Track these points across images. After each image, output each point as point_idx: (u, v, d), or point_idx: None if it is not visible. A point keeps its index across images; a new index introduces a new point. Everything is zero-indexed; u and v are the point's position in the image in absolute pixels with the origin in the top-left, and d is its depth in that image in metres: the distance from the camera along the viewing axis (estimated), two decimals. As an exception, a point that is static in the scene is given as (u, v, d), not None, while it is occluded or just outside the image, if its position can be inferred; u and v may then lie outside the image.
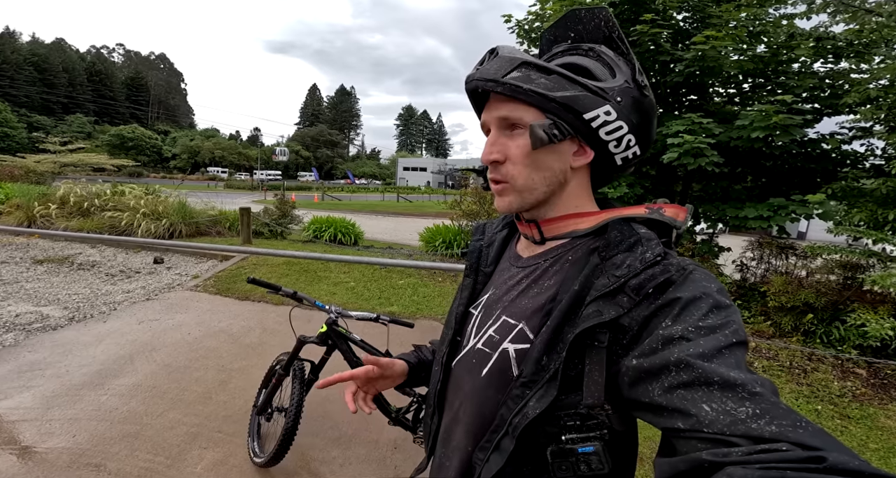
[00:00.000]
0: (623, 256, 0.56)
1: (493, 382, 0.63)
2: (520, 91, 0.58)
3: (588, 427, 0.53)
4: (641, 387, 0.49)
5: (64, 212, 8.35)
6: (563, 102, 0.58)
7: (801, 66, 4.71)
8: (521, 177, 0.62)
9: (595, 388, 0.53)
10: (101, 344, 3.50)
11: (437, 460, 0.73)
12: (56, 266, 6.01)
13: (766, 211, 4.35)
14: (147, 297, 4.78)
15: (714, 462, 0.39)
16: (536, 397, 0.55)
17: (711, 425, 0.41)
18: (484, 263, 0.77)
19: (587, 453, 0.53)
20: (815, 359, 3.62)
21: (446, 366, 0.73)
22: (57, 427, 2.38)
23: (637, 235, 0.59)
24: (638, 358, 0.50)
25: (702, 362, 0.45)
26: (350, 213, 15.77)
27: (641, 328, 0.52)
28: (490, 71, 0.60)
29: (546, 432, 0.55)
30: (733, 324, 0.49)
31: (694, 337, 0.47)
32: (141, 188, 9.24)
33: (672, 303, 0.51)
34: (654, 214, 0.61)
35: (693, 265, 0.55)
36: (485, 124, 0.66)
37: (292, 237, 8.43)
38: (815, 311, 3.89)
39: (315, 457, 2.22)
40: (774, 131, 3.96)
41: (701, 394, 0.43)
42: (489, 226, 0.84)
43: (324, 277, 5.62)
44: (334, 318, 1.88)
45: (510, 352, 0.62)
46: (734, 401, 0.42)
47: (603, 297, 0.54)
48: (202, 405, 2.65)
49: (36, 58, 66.25)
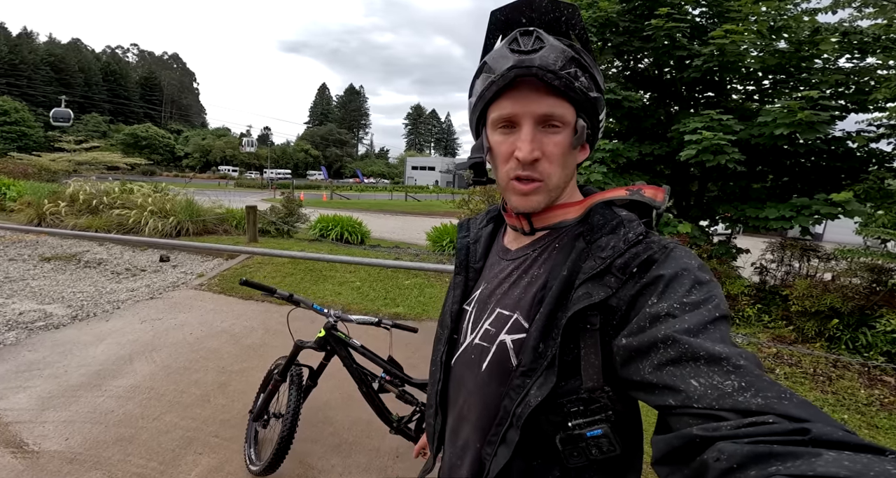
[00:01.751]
0: (607, 239, 0.57)
1: (494, 375, 0.62)
2: (572, 88, 0.57)
3: (592, 411, 0.54)
4: (633, 366, 0.49)
5: (73, 209, 8.39)
6: (593, 103, 0.60)
7: (826, 62, 4.51)
8: (555, 176, 0.61)
9: (593, 371, 0.53)
10: (101, 344, 3.44)
11: (447, 460, 0.71)
12: (63, 264, 6.01)
13: (789, 211, 4.17)
14: (151, 295, 4.74)
15: (705, 437, 0.39)
16: (537, 385, 0.55)
17: (700, 400, 0.42)
18: (473, 260, 0.77)
19: (596, 437, 0.53)
20: (841, 366, 3.44)
21: (445, 365, 0.73)
22: (50, 429, 2.31)
23: (619, 217, 0.60)
24: (627, 337, 0.50)
25: (688, 337, 0.45)
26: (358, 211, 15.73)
27: (629, 308, 0.53)
28: (549, 60, 0.56)
29: (551, 421, 0.55)
30: (715, 298, 0.49)
31: (679, 313, 0.48)
32: (149, 186, 9.26)
33: (656, 280, 0.52)
34: (634, 195, 0.63)
35: (674, 243, 0.56)
36: (513, 117, 0.60)
37: (299, 236, 8.38)
38: (840, 316, 3.70)
39: (314, 465, 2.12)
40: (799, 128, 3.79)
41: (689, 369, 0.44)
42: (473, 222, 0.83)
43: (329, 276, 5.53)
44: (333, 322, 1.78)
45: (507, 343, 0.62)
46: (720, 375, 0.42)
47: (591, 279, 0.55)
48: (200, 408, 2.57)
49: (53, 58, 67.49)
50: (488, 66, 0.60)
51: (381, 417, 1.82)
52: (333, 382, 2.44)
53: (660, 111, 5.16)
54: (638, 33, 4.60)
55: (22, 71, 62.26)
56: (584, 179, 4.50)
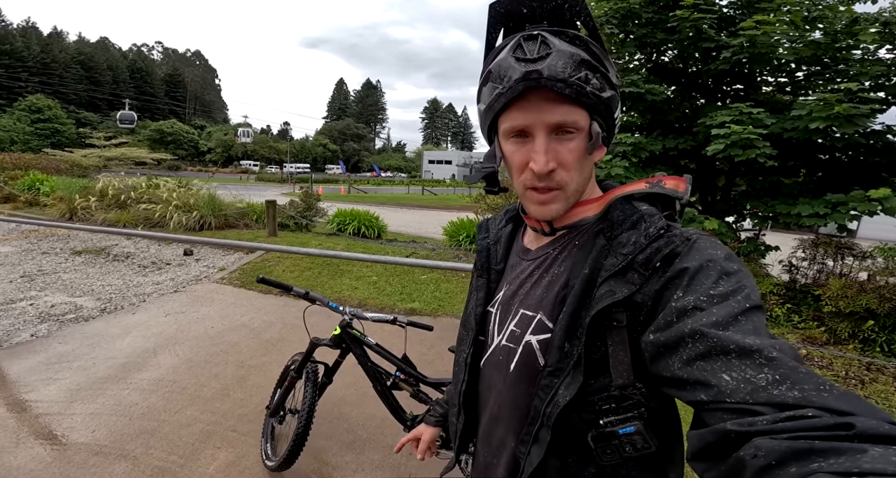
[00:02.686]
0: (628, 235, 0.56)
1: (523, 375, 0.63)
2: (583, 93, 0.55)
3: (625, 408, 0.53)
4: (662, 362, 0.48)
5: (103, 204, 8.69)
6: (607, 103, 0.58)
7: (865, 53, 4.25)
8: (573, 182, 0.60)
9: (622, 367, 0.53)
10: (127, 336, 3.55)
11: (481, 459, 0.72)
12: (93, 257, 6.22)
13: (823, 207, 3.97)
14: (175, 289, 4.86)
15: (740, 432, 0.38)
16: (565, 385, 0.55)
17: (733, 394, 0.41)
18: (494, 261, 0.76)
19: (629, 434, 0.52)
20: (875, 369, 3.28)
21: (471, 366, 0.74)
22: (78, 422, 2.39)
23: (638, 212, 0.59)
24: (654, 333, 0.49)
25: (716, 330, 0.44)
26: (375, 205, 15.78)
27: (655, 303, 0.52)
28: (557, 68, 0.54)
29: (583, 419, 0.55)
30: (745, 288, 0.47)
31: (707, 306, 0.47)
32: (174, 181, 9.49)
33: (680, 274, 0.50)
34: (654, 187, 0.60)
35: (697, 234, 0.54)
36: (527, 127, 0.58)
37: (317, 230, 8.47)
38: (876, 317, 3.53)
39: (328, 461, 2.14)
40: (836, 122, 3.59)
41: (720, 364, 0.43)
42: (493, 222, 0.82)
43: (346, 271, 5.57)
44: (348, 319, 1.77)
45: (533, 343, 0.62)
46: (752, 368, 0.41)
47: (613, 276, 0.54)
48: (219, 402, 2.62)
49: (82, 56, 69.81)
50: (494, 75, 0.58)
51: (394, 415, 1.81)
52: (349, 378, 2.44)
53: (685, 104, 4.97)
54: (661, 25, 4.43)
55: (53, 69, 64.60)
56: (605, 172, 4.39)
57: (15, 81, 58.09)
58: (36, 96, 49.92)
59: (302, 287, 1.83)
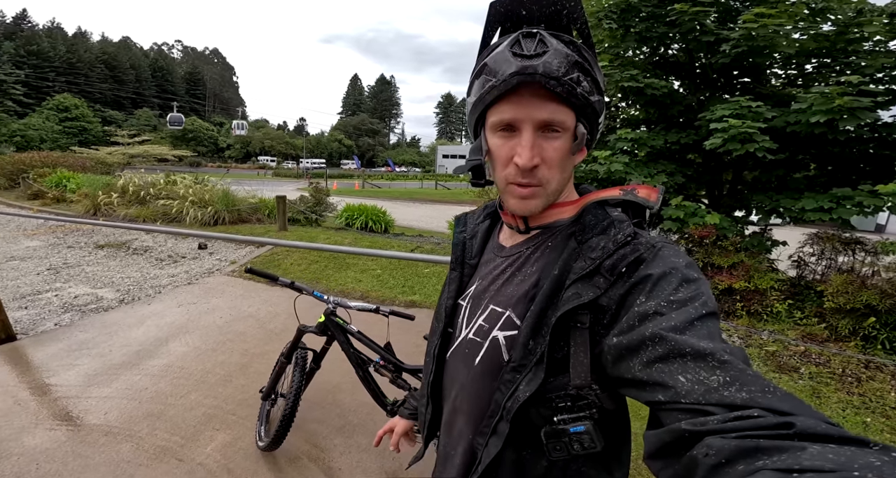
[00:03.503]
0: (598, 239, 0.58)
1: (487, 369, 0.65)
2: (573, 94, 0.57)
3: (578, 407, 0.55)
4: (623, 364, 0.50)
5: (124, 200, 9.04)
6: (594, 107, 0.60)
7: (875, 45, 4.13)
8: (554, 180, 0.62)
9: (581, 368, 0.54)
10: (142, 326, 3.76)
11: (441, 450, 0.75)
12: (115, 251, 6.52)
13: (828, 202, 3.91)
14: (189, 281, 5.08)
15: (693, 431, 0.40)
16: (526, 381, 0.57)
17: (688, 395, 0.43)
18: (469, 256, 0.78)
19: (579, 433, 0.54)
20: (873, 367, 3.24)
21: (439, 358, 0.76)
22: (93, 404, 2.58)
23: (609, 217, 0.61)
24: (617, 336, 0.51)
25: (674, 334, 0.46)
26: (388, 200, 15.93)
27: (619, 307, 0.54)
28: (552, 67, 0.56)
29: (540, 415, 0.57)
30: (702, 295, 0.50)
31: (666, 311, 0.49)
32: (191, 178, 9.80)
33: (644, 280, 0.53)
34: (627, 195, 0.63)
35: (662, 242, 0.57)
36: (516, 121, 0.59)
37: (326, 224, 8.65)
38: (878, 314, 3.47)
39: (318, 444, 2.27)
40: (839, 115, 3.52)
41: (676, 366, 0.45)
42: (471, 217, 0.84)
43: (352, 264, 5.72)
44: (332, 308, 1.88)
45: (500, 339, 0.64)
46: (706, 370, 0.43)
47: (581, 279, 0.56)
48: (222, 388, 2.78)
49: (106, 56, 71.76)
50: (489, 68, 0.59)
51: (376, 400, 1.92)
52: (344, 366, 2.55)
53: (689, 98, 4.91)
54: (662, 19, 4.38)
55: (79, 69, 66.65)
56: (605, 169, 4.38)
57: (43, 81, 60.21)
58: (63, 96, 51.65)
59: (307, 282, 1.94)
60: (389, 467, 2.13)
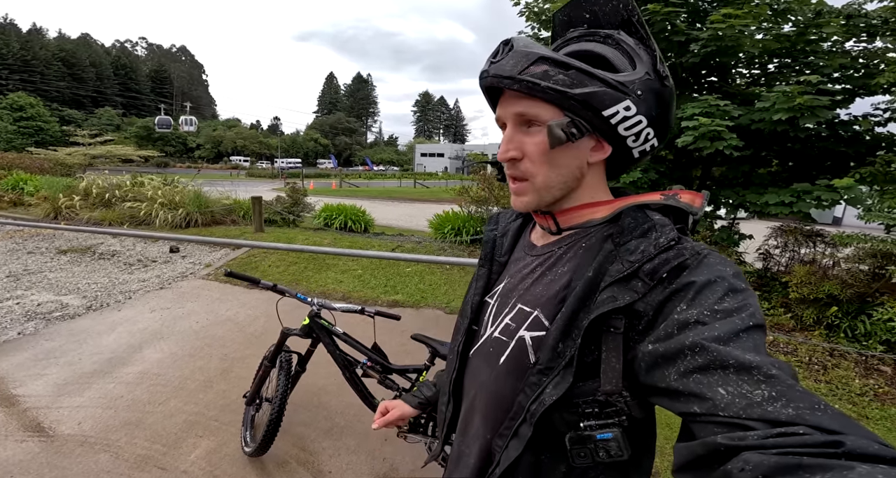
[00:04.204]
0: (637, 242, 0.56)
1: (511, 369, 0.63)
2: (537, 89, 0.57)
3: (606, 414, 0.53)
4: (658, 372, 0.48)
5: (87, 203, 8.65)
6: (581, 99, 0.57)
7: (832, 46, 4.37)
8: (539, 175, 0.62)
9: (612, 374, 0.53)
10: (113, 332, 3.61)
11: (455, 449, 0.72)
12: (79, 256, 6.23)
13: (789, 196, 4.11)
14: (161, 285, 4.91)
15: (730, 446, 0.38)
16: (553, 384, 0.55)
17: (727, 408, 0.41)
18: (498, 253, 0.77)
19: (606, 440, 0.53)
20: (838, 355, 3.43)
21: (462, 355, 0.74)
22: (65, 414, 2.47)
23: (651, 220, 0.58)
24: (654, 343, 0.50)
25: (717, 345, 0.44)
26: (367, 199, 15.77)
27: (657, 313, 0.52)
28: (506, 67, 0.58)
29: (564, 420, 0.55)
30: (750, 307, 0.48)
31: (710, 321, 0.47)
32: (159, 179, 9.45)
33: (687, 287, 0.50)
34: (669, 200, 0.61)
35: (708, 250, 0.54)
36: (500, 119, 0.64)
37: (304, 225, 8.51)
38: (839, 303, 3.67)
39: (306, 447, 2.24)
40: (799, 113, 3.70)
41: (717, 378, 0.43)
42: (503, 216, 0.84)
43: (332, 264, 5.65)
44: (316, 310, 1.86)
45: (526, 339, 0.62)
46: (750, 384, 0.41)
47: (617, 282, 0.54)
48: (202, 394, 2.71)
49: (64, 53, 68.35)
50: None
51: (364, 401, 1.91)
52: (329, 368, 2.52)
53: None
54: (636, 17, 4.50)
55: (34, 67, 63.23)
56: None
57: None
58: (17, 94, 48.85)
59: (286, 283, 1.91)
60: (380, 468, 2.12)
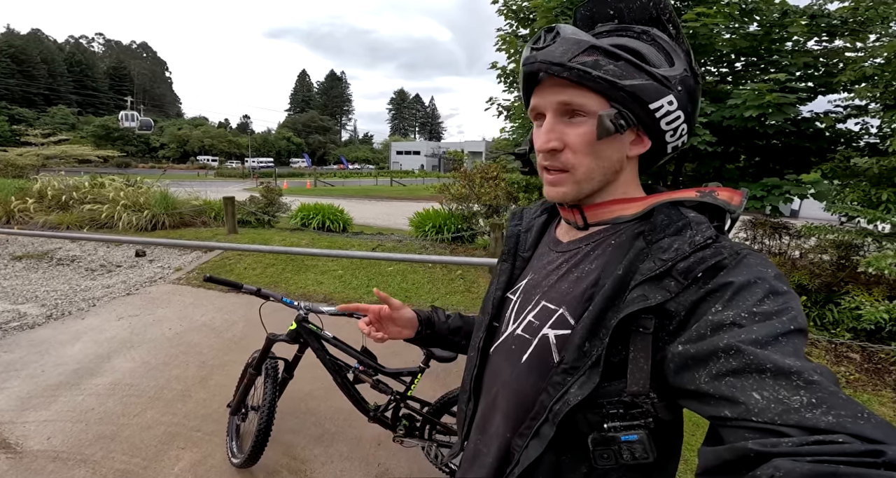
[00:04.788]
0: (670, 240, 0.54)
1: (533, 368, 0.61)
2: (588, 77, 0.55)
3: (632, 415, 0.52)
4: (688, 374, 0.47)
5: (42, 206, 8.14)
6: (630, 91, 0.56)
7: (795, 45, 4.57)
8: (581, 166, 0.60)
9: (640, 375, 0.51)
10: (78, 342, 3.39)
11: (471, 446, 0.70)
12: (35, 262, 5.85)
13: (760, 191, 4.27)
14: (127, 291, 4.66)
15: (761, 453, 0.37)
16: (578, 384, 0.54)
17: (761, 413, 0.39)
18: (522, 248, 0.76)
19: (630, 442, 0.51)
20: (809, 344, 3.59)
21: (483, 351, 0.72)
22: (32, 429, 2.30)
23: (686, 218, 0.56)
24: (685, 344, 0.48)
25: (754, 348, 0.43)
26: (343, 198, 15.52)
27: (689, 314, 0.50)
28: (555, 53, 0.56)
29: (587, 420, 0.54)
30: (792, 311, 0.46)
31: (747, 323, 0.45)
32: (121, 179, 8.99)
33: (723, 287, 0.48)
34: (705, 197, 0.58)
35: (748, 250, 0.52)
36: (537, 108, 0.62)
37: (280, 225, 8.28)
38: (808, 293, 3.85)
39: (297, 455, 2.16)
40: (768, 110, 3.85)
41: (751, 381, 0.41)
42: (527, 211, 0.82)
43: (311, 265, 5.51)
44: (304, 315, 1.79)
45: (550, 338, 0.60)
46: (788, 389, 0.39)
47: (648, 281, 0.52)
48: (181, 404, 2.57)
49: (13, 49, 64.20)
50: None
51: (357, 406, 1.86)
52: (315, 372, 2.45)
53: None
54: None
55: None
56: None
57: (-66, 74, 52.79)
58: (-40, 90, 45.54)
59: (264, 286, 1.82)
60: (375, 473, 2.07)
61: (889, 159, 3.69)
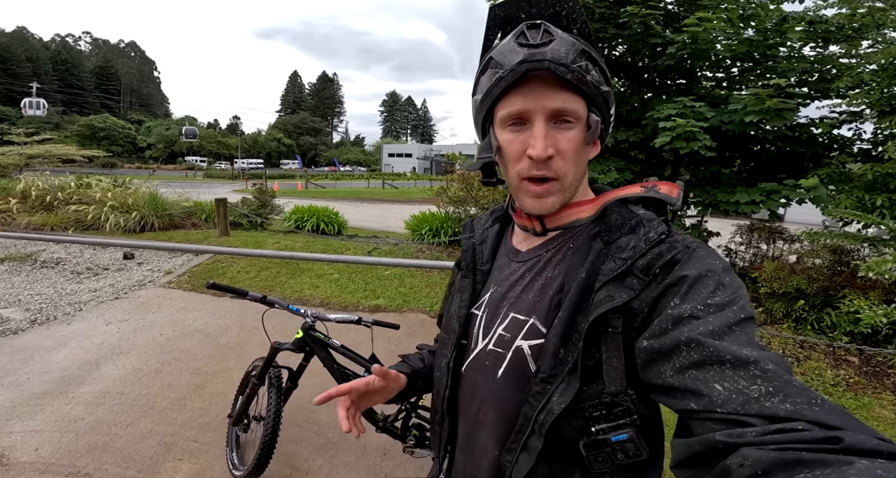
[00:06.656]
0: (627, 239, 0.55)
1: (511, 381, 0.60)
2: (584, 82, 0.56)
3: (616, 415, 0.52)
4: (654, 369, 0.48)
5: (26, 206, 7.89)
6: (606, 97, 0.59)
7: (791, 51, 4.63)
8: (570, 174, 0.60)
9: (616, 374, 0.52)
10: (64, 348, 3.26)
11: (460, 468, 0.69)
12: (17, 264, 5.65)
13: (759, 195, 4.30)
14: (116, 295, 4.52)
15: (728, 443, 0.38)
16: (559, 392, 0.54)
17: (724, 404, 0.40)
18: (480, 262, 0.73)
19: (622, 441, 0.51)
20: (808, 347, 3.60)
21: (454, 371, 0.70)
22: (18, 440, 2.20)
23: (637, 216, 0.58)
24: (649, 339, 0.49)
25: (712, 340, 0.44)
26: (335, 200, 15.37)
27: (651, 310, 0.51)
28: (560, 53, 0.55)
29: (572, 426, 0.54)
30: (740, 299, 0.48)
31: (703, 315, 0.47)
32: (108, 180, 8.78)
33: (679, 281, 0.50)
34: (649, 192, 0.60)
35: (697, 243, 0.54)
36: (525, 113, 0.58)
37: (273, 228, 8.15)
38: (806, 297, 3.87)
39: (300, 466, 2.08)
40: (767, 115, 3.88)
41: (713, 373, 0.42)
42: (478, 222, 0.80)
43: (307, 269, 5.41)
44: (311, 322, 1.72)
45: (525, 349, 0.60)
46: (746, 379, 0.41)
47: (612, 281, 0.53)
48: (176, 413, 2.47)
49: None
50: (495, 62, 0.58)
51: (365, 416, 1.79)
52: (316, 379, 2.38)
53: (633, 98, 5.20)
54: (613, 20, 4.59)
55: (-40, 58, 57.62)
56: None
57: (-88, 70, 51.28)
58: (-61, 87, 44.33)
59: (258, 290, 1.75)
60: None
61: (883, 166, 3.74)
